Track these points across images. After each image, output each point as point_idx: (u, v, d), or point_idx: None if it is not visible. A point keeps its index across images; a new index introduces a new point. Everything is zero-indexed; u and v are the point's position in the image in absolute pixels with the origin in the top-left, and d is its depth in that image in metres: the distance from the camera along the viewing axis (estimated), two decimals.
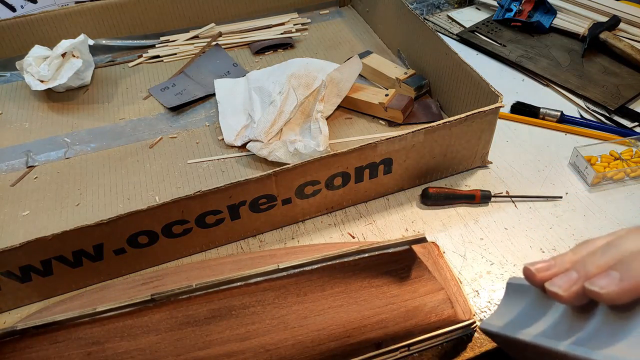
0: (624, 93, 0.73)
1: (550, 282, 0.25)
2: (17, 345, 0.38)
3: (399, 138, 0.54)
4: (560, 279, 0.25)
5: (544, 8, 0.87)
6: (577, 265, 0.25)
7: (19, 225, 0.59)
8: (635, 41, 0.80)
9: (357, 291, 0.41)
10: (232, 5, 0.89)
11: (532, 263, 0.27)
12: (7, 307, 0.51)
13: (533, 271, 0.27)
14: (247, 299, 0.40)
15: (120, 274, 0.53)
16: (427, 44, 0.71)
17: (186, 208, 0.50)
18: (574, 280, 0.24)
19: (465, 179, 0.62)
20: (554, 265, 0.26)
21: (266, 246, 0.56)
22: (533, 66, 0.79)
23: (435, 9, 0.95)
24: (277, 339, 0.39)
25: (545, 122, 0.70)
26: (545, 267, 0.26)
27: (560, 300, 0.25)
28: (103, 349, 0.38)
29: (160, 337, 0.39)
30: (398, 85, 0.73)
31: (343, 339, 0.41)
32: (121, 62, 0.84)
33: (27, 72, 0.74)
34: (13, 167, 0.67)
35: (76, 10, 0.81)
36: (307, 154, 0.60)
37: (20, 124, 0.73)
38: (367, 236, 0.56)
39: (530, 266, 0.27)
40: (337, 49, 0.85)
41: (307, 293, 0.41)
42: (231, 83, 0.75)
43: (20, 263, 0.47)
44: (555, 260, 0.27)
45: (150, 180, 0.64)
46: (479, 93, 0.61)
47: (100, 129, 0.72)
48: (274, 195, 0.53)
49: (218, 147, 0.68)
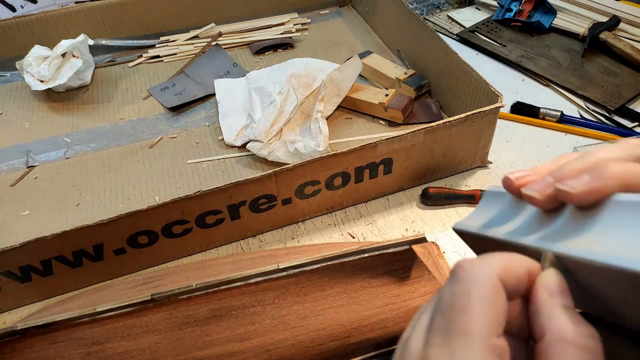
0: (624, 93, 0.73)
1: (527, 187, 0.26)
2: (17, 345, 0.38)
3: (399, 138, 0.54)
4: (536, 184, 0.26)
5: (544, 8, 0.87)
6: (554, 172, 0.26)
7: (19, 225, 0.59)
8: (635, 41, 0.80)
9: (357, 291, 0.41)
10: (232, 5, 0.89)
11: (512, 172, 0.28)
12: (7, 307, 0.51)
13: (512, 178, 0.28)
14: (247, 299, 0.40)
15: (120, 274, 0.53)
16: (427, 44, 0.71)
17: (186, 208, 0.50)
18: (549, 184, 0.25)
19: (465, 179, 0.62)
20: (532, 174, 0.27)
21: (266, 246, 0.56)
22: (533, 66, 0.79)
23: (435, 9, 0.95)
24: (277, 339, 0.39)
25: (545, 122, 0.70)
26: (523, 175, 0.27)
27: (534, 203, 0.26)
28: (103, 349, 0.38)
29: (160, 337, 0.39)
30: (398, 85, 0.73)
31: (343, 339, 0.41)
32: (121, 62, 0.84)
33: (27, 72, 0.74)
34: (13, 167, 0.67)
35: (76, 10, 0.81)
36: (307, 154, 0.60)
37: (20, 124, 0.73)
38: (367, 236, 0.56)
39: (510, 175, 0.28)
40: (337, 49, 0.85)
41: (307, 293, 0.41)
42: (231, 83, 0.75)
43: (20, 263, 0.47)
44: (534, 169, 0.28)
45: (150, 180, 0.64)
46: (479, 93, 0.61)
47: (100, 129, 0.72)
48: (274, 195, 0.53)
49: (218, 147, 0.68)
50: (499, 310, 0.23)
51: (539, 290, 0.24)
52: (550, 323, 0.22)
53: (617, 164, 0.23)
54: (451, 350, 0.22)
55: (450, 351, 0.22)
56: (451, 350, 0.22)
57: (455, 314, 0.23)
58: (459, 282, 0.23)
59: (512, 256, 0.24)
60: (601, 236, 0.22)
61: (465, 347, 0.22)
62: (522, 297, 0.25)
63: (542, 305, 0.23)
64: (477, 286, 0.23)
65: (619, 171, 0.23)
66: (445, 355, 0.22)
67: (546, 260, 0.24)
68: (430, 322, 0.24)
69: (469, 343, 0.22)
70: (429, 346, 0.23)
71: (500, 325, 0.22)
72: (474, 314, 0.22)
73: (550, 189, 0.25)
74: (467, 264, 0.24)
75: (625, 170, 0.23)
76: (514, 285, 0.24)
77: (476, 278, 0.23)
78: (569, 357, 0.21)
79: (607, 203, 0.23)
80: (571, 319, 0.22)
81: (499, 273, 0.23)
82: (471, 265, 0.24)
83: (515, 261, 0.24)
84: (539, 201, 0.25)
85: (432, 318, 0.24)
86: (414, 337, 0.25)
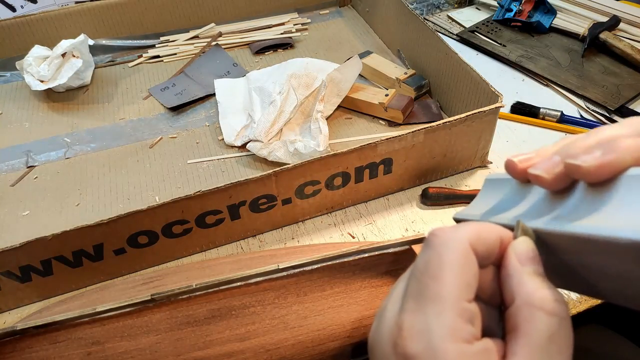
0: (624, 93, 0.73)
1: (534, 167, 0.25)
2: (17, 345, 0.38)
3: (399, 138, 0.54)
4: (543, 163, 0.25)
5: (544, 8, 0.87)
6: (560, 150, 0.25)
7: (19, 225, 0.59)
8: (635, 41, 0.80)
9: (357, 291, 0.41)
10: (232, 5, 0.89)
11: (515, 155, 0.27)
12: (7, 307, 0.51)
13: (515, 161, 0.27)
14: (247, 299, 0.40)
15: (120, 274, 0.53)
16: (427, 44, 0.71)
17: (186, 208, 0.50)
18: (557, 163, 0.25)
19: (465, 179, 0.62)
20: (537, 155, 0.27)
21: (266, 246, 0.56)
22: (533, 66, 0.79)
23: (435, 9, 0.95)
24: (277, 339, 0.39)
25: (545, 122, 0.70)
26: (527, 158, 0.27)
27: (542, 183, 0.25)
28: (103, 349, 0.38)
29: (160, 337, 0.39)
30: (398, 85, 0.73)
31: (343, 339, 0.41)
32: (121, 62, 0.84)
33: (27, 72, 0.74)
34: (13, 167, 0.67)
35: (76, 10, 0.81)
36: (307, 154, 0.60)
37: (20, 124, 0.73)
38: (367, 236, 0.56)
39: (513, 157, 0.27)
40: (337, 49, 0.85)
41: (307, 293, 0.41)
42: (231, 83, 0.75)
43: (20, 263, 0.47)
44: (538, 151, 0.27)
45: (150, 180, 0.64)
46: (479, 93, 0.61)
47: (100, 129, 0.72)
48: (274, 195, 0.53)
49: (218, 147, 0.68)
50: (469, 275, 0.23)
51: (510, 256, 0.24)
52: (520, 288, 0.23)
53: (629, 138, 0.23)
54: (424, 314, 0.22)
55: (423, 315, 0.22)
56: (424, 314, 0.22)
57: (427, 279, 0.23)
58: (432, 249, 0.24)
59: (484, 225, 0.25)
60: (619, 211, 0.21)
61: (436, 311, 0.22)
62: (494, 264, 0.25)
63: (513, 271, 0.24)
64: (449, 252, 0.23)
65: (632, 145, 0.22)
66: (418, 320, 0.23)
67: (518, 230, 0.25)
68: (405, 289, 0.25)
69: (441, 307, 0.22)
70: (403, 312, 0.23)
71: (471, 290, 0.23)
72: (445, 278, 0.23)
73: (559, 167, 0.24)
74: (440, 232, 0.24)
75: (637, 144, 0.22)
76: (486, 251, 0.24)
77: (447, 244, 0.23)
78: (537, 321, 0.22)
79: (620, 178, 0.22)
80: (540, 284, 0.23)
81: (471, 239, 0.24)
82: (443, 232, 0.24)
83: (487, 229, 0.25)
84: (547, 180, 0.25)
85: (407, 285, 0.24)
86: (390, 304, 0.25)
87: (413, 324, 0.23)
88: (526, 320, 0.22)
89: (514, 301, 0.23)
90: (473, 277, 0.23)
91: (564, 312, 0.22)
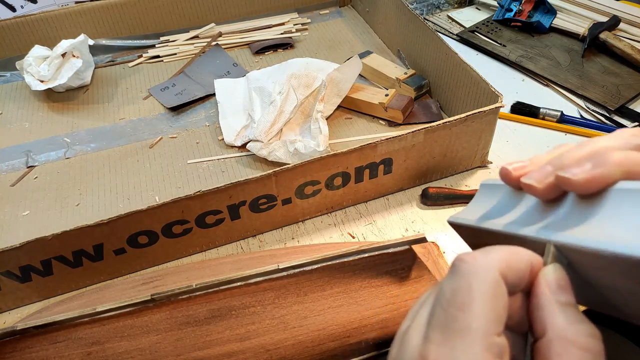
0: (624, 93, 0.73)
1: (526, 176, 0.26)
2: (17, 345, 0.38)
3: (399, 138, 0.54)
4: (536, 173, 0.25)
5: (544, 8, 0.87)
6: (553, 160, 0.25)
7: (19, 225, 0.59)
8: (635, 41, 0.80)
9: (357, 291, 0.41)
10: (232, 5, 0.89)
11: (509, 163, 0.27)
12: (7, 307, 0.51)
13: (509, 169, 0.27)
14: (247, 299, 0.40)
15: (120, 274, 0.53)
16: (427, 44, 0.71)
17: (186, 208, 0.50)
18: (549, 173, 0.25)
19: (465, 179, 0.62)
20: (531, 164, 0.27)
21: (266, 246, 0.56)
22: (533, 66, 0.79)
23: (435, 9, 0.95)
24: (277, 339, 0.39)
25: (545, 122, 0.70)
26: (521, 166, 0.27)
27: (534, 192, 0.25)
28: (103, 349, 0.38)
29: (160, 337, 0.39)
30: (398, 85, 0.73)
31: (343, 339, 0.41)
32: (121, 62, 0.84)
33: (27, 72, 0.74)
34: (13, 167, 0.67)
35: (76, 10, 0.81)
36: (307, 154, 0.60)
37: (20, 124, 0.73)
38: (367, 236, 0.56)
39: (507, 165, 0.27)
40: (337, 49, 0.85)
41: (307, 293, 0.41)
42: (231, 83, 0.75)
43: (20, 263, 0.47)
44: (532, 159, 0.27)
45: (150, 180, 0.64)
46: (479, 93, 0.61)
47: (100, 129, 0.72)
48: (274, 195, 0.53)
49: (218, 147, 0.68)
50: (499, 306, 0.22)
51: (541, 286, 0.23)
52: (552, 320, 0.22)
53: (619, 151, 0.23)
54: (451, 348, 0.21)
55: (450, 349, 0.21)
56: (451, 348, 0.21)
57: (455, 310, 0.22)
58: (460, 276, 0.23)
59: (514, 250, 0.24)
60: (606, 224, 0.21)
61: (465, 346, 0.21)
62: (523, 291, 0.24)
63: (544, 301, 0.23)
64: (478, 281, 0.22)
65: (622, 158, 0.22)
66: (445, 354, 0.21)
67: (549, 255, 0.24)
68: (430, 316, 0.23)
69: (469, 341, 0.21)
70: (428, 342, 0.22)
71: (501, 323, 0.22)
72: (474, 310, 0.21)
73: (551, 178, 0.24)
74: (469, 258, 0.23)
75: (627, 158, 0.22)
76: (516, 280, 0.23)
77: (477, 272, 0.22)
78: (570, 357, 0.21)
79: (609, 191, 0.22)
80: (573, 317, 0.22)
81: (501, 267, 0.22)
82: (473, 259, 0.23)
83: (517, 255, 0.23)
84: (539, 190, 0.25)
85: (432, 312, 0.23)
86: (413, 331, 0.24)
87: (438, 358, 0.21)
88: (559, 355, 0.21)
89: (546, 333, 0.22)
90: (503, 309, 0.22)
91: (598, 348, 0.21)
